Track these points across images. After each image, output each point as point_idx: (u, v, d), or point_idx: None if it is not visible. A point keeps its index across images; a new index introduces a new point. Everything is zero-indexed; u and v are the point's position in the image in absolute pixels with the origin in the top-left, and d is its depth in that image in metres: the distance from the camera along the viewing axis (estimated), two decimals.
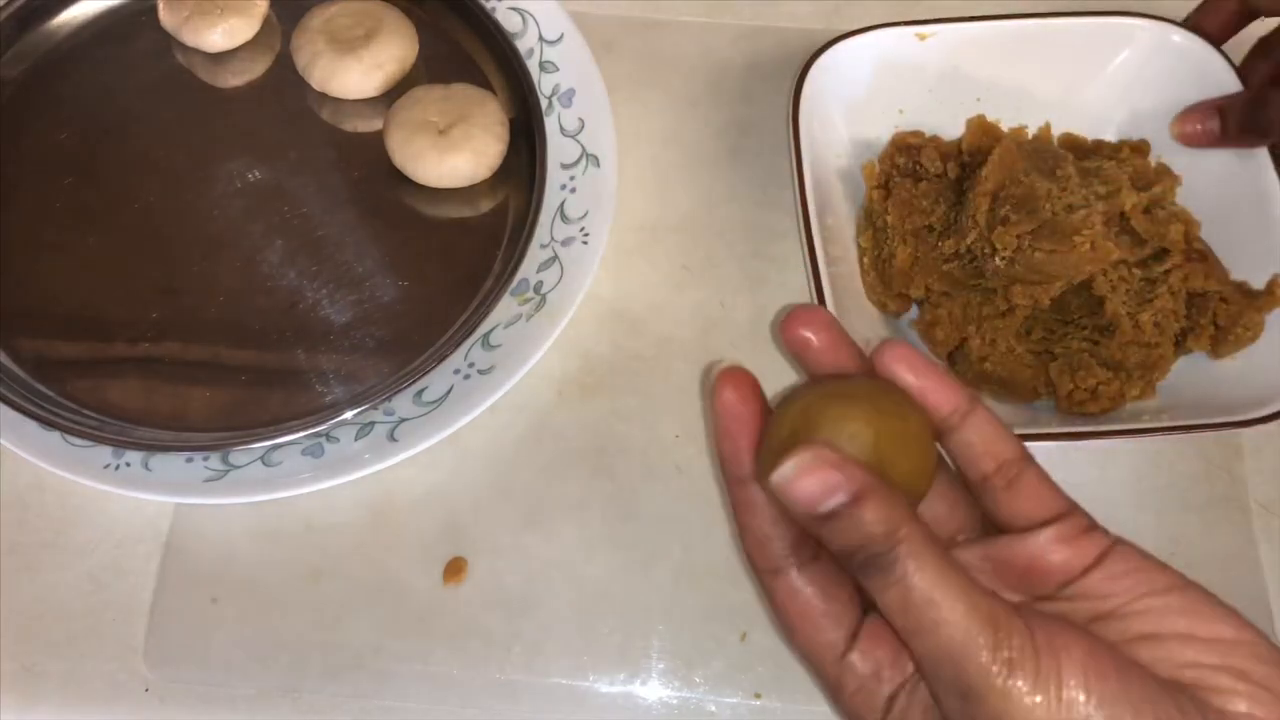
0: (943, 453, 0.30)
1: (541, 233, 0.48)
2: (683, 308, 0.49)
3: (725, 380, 0.29)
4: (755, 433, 0.29)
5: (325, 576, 0.44)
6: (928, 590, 0.25)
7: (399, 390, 0.44)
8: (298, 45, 0.52)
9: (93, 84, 0.52)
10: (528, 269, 0.47)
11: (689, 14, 0.56)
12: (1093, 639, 0.26)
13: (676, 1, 0.56)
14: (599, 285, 0.48)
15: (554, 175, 0.49)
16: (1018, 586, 0.28)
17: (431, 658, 0.42)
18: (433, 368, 0.44)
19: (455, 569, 0.44)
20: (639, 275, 0.50)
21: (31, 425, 0.43)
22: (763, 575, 0.30)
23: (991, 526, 0.30)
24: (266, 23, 0.53)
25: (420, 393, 0.45)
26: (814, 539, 0.28)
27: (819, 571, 0.29)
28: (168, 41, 0.53)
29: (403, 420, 0.44)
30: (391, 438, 0.44)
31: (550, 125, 0.50)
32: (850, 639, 0.29)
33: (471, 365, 0.45)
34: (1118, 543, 0.28)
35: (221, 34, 0.52)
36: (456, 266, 0.48)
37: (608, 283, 0.49)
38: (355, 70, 0.50)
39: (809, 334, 0.30)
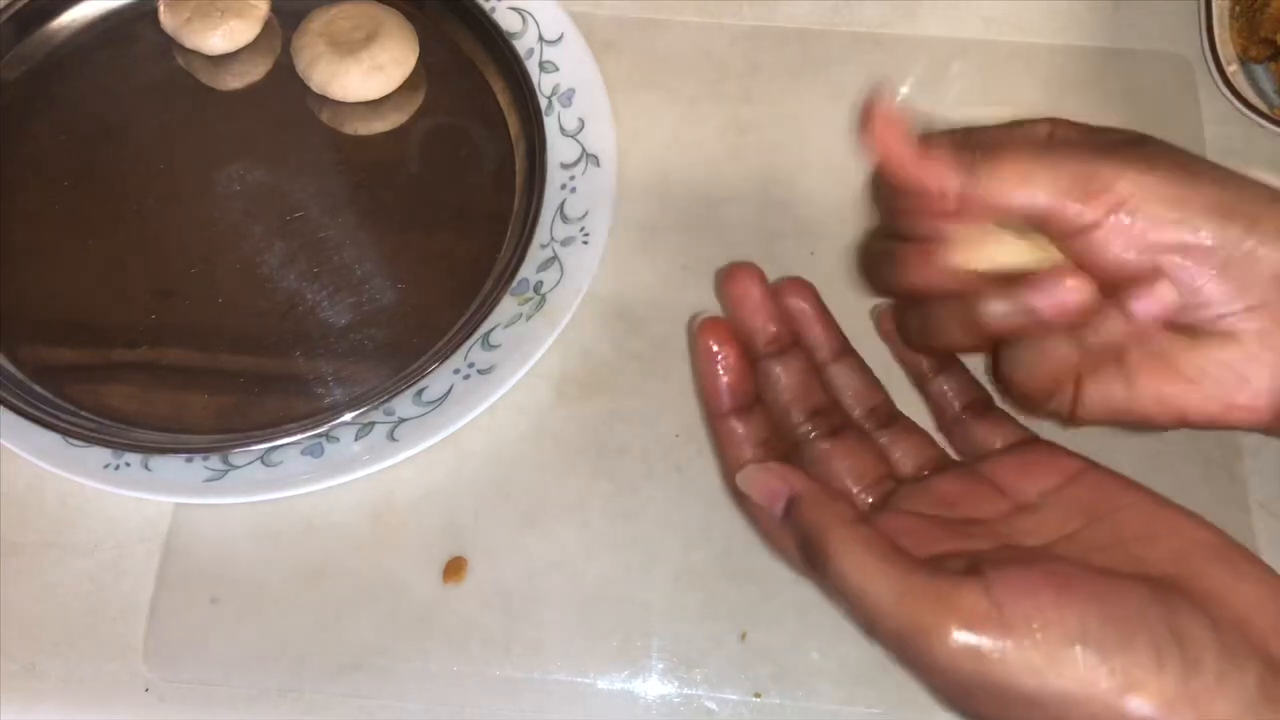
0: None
1: (541, 233, 0.48)
2: (683, 308, 0.49)
3: (706, 329, 0.34)
4: (737, 371, 0.33)
5: (325, 576, 0.44)
6: (858, 582, 0.26)
7: (399, 392, 0.44)
8: (298, 48, 0.52)
9: (92, 87, 0.52)
10: (528, 269, 0.47)
11: (689, 14, 0.56)
12: (1062, 568, 0.26)
13: (676, 1, 0.56)
14: (599, 285, 0.48)
15: (554, 175, 0.49)
16: (989, 510, 0.31)
17: (431, 658, 0.42)
18: (433, 368, 0.44)
19: (455, 569, 0.44)
20: (639, 275, 0.50)
21: (31, 426, 0.43)
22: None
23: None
24: (267, 25, 0.53)
25: (420, 393, 0.45)
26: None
27: None
28: (168, 44, 0.53)
29: (402, 420, 0.44)
30: (391, 438, 0.44)
31: (550, 125, 0.50)
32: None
33: (471, 365, 0.45)
34: (1089, 466, 0.32)
35: (222, 36, 0.52)
36: (456, 267, 0.48)
37: (608, 283, 0.49)
38: (355, 73, 0.50)
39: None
